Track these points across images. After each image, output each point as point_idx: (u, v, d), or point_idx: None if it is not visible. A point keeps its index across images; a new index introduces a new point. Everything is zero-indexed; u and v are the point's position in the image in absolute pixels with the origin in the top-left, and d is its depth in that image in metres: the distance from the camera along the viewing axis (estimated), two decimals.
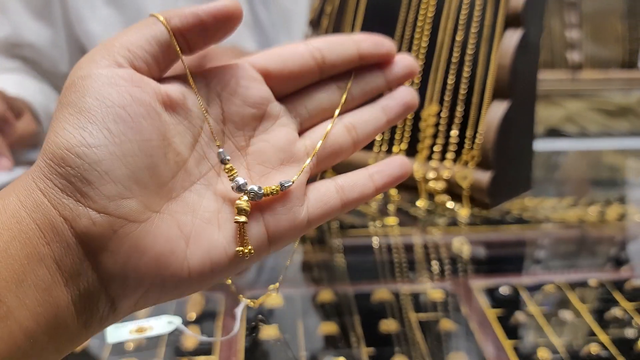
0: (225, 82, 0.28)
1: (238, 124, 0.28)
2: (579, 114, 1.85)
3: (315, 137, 0.30)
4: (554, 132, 1.84)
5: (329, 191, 0.29)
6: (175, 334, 0.45)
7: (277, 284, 0.34)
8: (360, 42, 0.30)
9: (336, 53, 0.30)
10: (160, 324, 0.45)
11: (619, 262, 0.59)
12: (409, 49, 0.56)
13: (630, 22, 1.91)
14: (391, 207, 0.62)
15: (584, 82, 1.85)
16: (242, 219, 0.26)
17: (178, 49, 0.27)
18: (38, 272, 0.23)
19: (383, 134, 0.58)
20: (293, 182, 0.28)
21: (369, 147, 0.58)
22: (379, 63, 0.31)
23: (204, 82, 0.28)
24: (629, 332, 0.45)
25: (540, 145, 1.18)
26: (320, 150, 0.30)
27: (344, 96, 0.31)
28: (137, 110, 0.25)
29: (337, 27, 0.62)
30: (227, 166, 0.27)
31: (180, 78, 0.28)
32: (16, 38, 0.87)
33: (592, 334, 0.45)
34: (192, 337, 0.44)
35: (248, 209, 0.27)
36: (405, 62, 0.31)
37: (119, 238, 0.24)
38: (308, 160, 0.29)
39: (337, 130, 0.30)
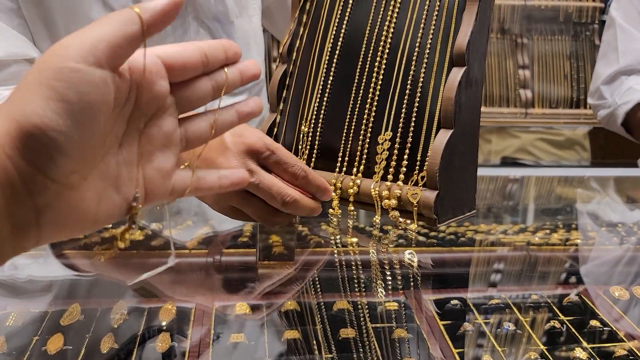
0: (144, 75, 0.34)
1: (142, 111, 0.35)
2: (532, 145, 1.95)
3: (189, 128, 0.38)
4: (509, 161, 1.94)
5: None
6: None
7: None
8: (227, 49, 0.38)
9: (215, 55, 0.37)
10: None
11: (559, 280, 0.64)
12: (369, 81, 0.61)
13: (577, 63, 2.03)
14: (350, 224, 0.66)
15: (535, 117, 1.96)
16: (122, 245, 0.35)
17: (145, 45, 0.33)
18: None
19: (343, 156, 0.62)
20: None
21: (330, 168, 0.62)
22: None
23: (130, 73, 0.34)
24: (566, 342, 0.49)
25: (496, 172, 1.24)
26: (187, 140, 0.38)
27: (222, 93, 0.39)
28: (103, 111, 0.31)
29: (304, 60, 0.67)
30: (135, 210, 0.35)
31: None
32: None
33: (532, 343, 0.49)
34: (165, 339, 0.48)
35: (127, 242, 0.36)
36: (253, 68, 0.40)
37: (60, 199, 0.31)
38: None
39: (203, 125, 0.39)
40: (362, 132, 0.61)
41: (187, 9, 0.81)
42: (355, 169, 0.61)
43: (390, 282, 0.59)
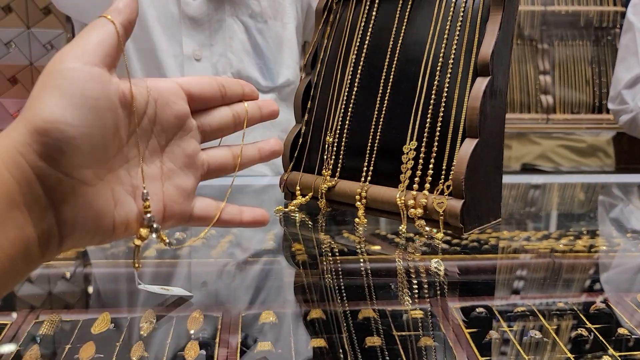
0: (162, 92, 0.38)
1: (164, 128, 0.38)
2: (553, 152, 1.94)
3: (212, 154, 0.42)
4: (529, 168, 1.92)
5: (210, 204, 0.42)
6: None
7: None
8: (244, 86, 0.43)
9: (232, 87, 0.42)
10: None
11: (585, 287, 0.64)
12: (392, 92, 0.62)
13: (599, 68, 2.02)
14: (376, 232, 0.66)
15: (557, 122, 1.95)
16: (138, 242, 0.37)
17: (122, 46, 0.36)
18: (15, 215, 0.31)
19: (368, 165, 0.63)
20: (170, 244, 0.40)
21: (356, 178, 0.63)
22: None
23: (145, 87, 0.37)
24: (593, 350, 0.49)
25: (517, 179, 1.24)
26: (209, 166, 0.41)
27: (244, 126, 0.43)
28: (105, 104, 0.34)
29: (329, 71, 0.67)
30: (146, 203, 0.37)
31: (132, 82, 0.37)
32: None
33: (559, 351, 0.49)
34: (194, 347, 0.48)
35: (146, 237, 0.37)
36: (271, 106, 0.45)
37: (76, 196, 0.33)
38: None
39: (225, 154, 0.42)
40: None
41: (225, 5, 0.87)
42: (379, 179, 0.61)
43: (416, 290, 0.59)
